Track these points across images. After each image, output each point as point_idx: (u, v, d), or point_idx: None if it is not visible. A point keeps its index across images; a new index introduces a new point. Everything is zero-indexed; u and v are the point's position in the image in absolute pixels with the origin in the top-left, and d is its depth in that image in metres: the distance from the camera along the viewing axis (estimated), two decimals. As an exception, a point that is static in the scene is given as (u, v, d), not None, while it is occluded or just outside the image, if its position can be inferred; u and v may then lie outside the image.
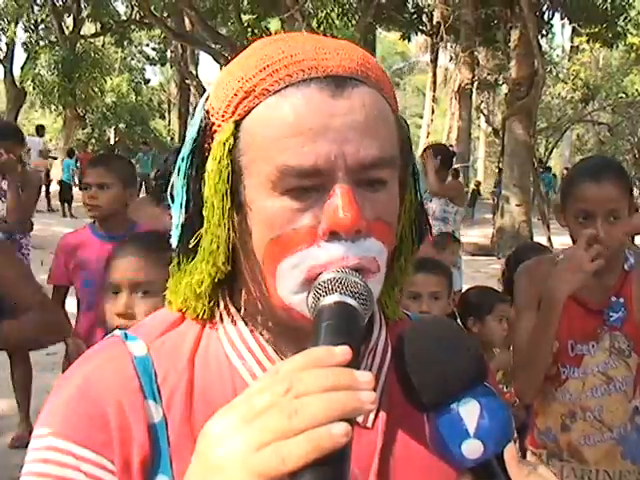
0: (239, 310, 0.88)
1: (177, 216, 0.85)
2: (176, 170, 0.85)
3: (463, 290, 4.39)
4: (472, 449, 0.70)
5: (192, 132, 0.84)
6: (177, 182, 0.85)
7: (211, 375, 0.85)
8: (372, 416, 0.85)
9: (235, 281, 0.87)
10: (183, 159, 0.84)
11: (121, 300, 1.88)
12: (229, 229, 0.81)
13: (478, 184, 22.61)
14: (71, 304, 3.39)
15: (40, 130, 19.94)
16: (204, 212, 0.82)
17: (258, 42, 0.84)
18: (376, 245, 0.78)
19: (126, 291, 1.90)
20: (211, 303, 0.87)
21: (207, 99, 0.84)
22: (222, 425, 0.61)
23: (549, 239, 12.94)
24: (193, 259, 0.84)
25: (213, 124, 0.82)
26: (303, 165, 0.75)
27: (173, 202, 0.86)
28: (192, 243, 0.83)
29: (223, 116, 0.81)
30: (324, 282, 0.75)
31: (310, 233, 0.76)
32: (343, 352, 0.63)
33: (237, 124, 0.79)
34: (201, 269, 0.83)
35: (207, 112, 0.83)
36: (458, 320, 3.58)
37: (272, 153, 0.76)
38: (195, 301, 0.87)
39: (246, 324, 0.87)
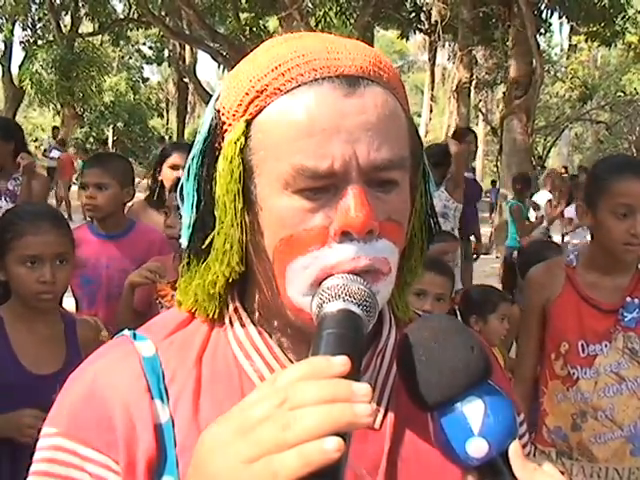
0: (248, 311, 0.87)
1: (188, 216, 0.85)
2: (186, 170, 0.85)
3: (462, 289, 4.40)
4: (477, 448, 0.70)
5: (203, 131, 0.83)
6: (187, 182, 0.85)
7: (219, 376, 0.84)
8: (380, 417, 0.85)
9: (245, 281, 0.87)
10: (193, 159, 0.84)
11: (46, 269, 2.12)
12: (242, 229, 0.80)
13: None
14: (69, 303, 3.37)
15: (54, 131, 20.89)
16: (216, 212, 0.81)
17: (270, 41, 0.84)
18: (388, 246, 0.78)
19: (49, 262, 2.15)
20: (221, 303, 0.87)
21: (217, 98, 0.84)
22: (217, 436, 0.61)
23: (549, 237, 12.94)
24: (205, 260, 0.84)
25: (224, 123, 0.81)
26: (320, 167, 0.74)
27: (183, 203, 0.86)
28: (205, 244, 0.82)
29: (234, 115, 0.80)
30: (328, 288, 0.74)
31: (322, 233, 0.76)
32: (342, 363, 0.62)
33: (248, 123, 0.79)
34: (215, 270, 0.83)
35: (218, 111, 0.82)
36: (459, 318, 3.58)
37: (286, 153, 0.75)
38: (207, 302, 0.86)
39: (255, 325, 0.86)
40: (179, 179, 3.27)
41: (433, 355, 0.73)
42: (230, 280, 0.84)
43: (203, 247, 0.83)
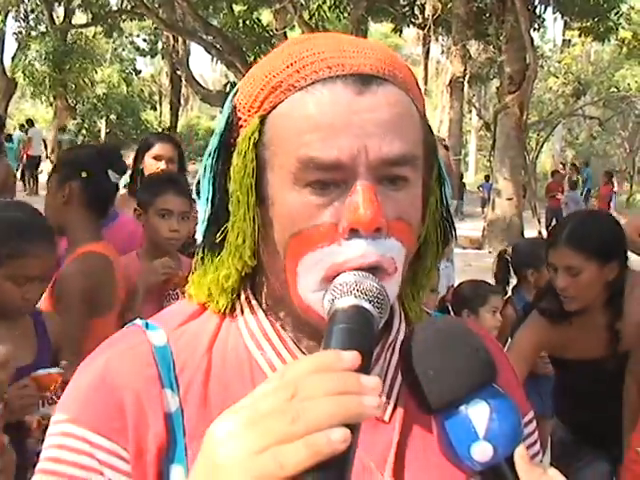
0: (260, 302, 0.88)
1: (203, 210, 0.86)
2: (202, 164, 0.86)
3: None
4: (482, 452, 0.69)
5: (219, 126, 0.85)
6: (204, 177, 0.86)
7: (229, 366, 0.85)
8: (390, 410, 0.86)
9: (257, 274, 0.88)
10: (210, 153, 0.85)
11: (35, 288, 2.21)
12: (254, 223, 0.81)
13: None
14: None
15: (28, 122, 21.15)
16: (230, 207, 0.82)
17: (289, 40, 0.86)
18: (395, 245, 0.78)
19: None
20: (234, 295, 0.88)
21: (235, 94, 0.85)
22: (226, 427, 0.61)
23: (540, 233, 13.00)
24: (219, 254, 0.85)
25: (240, 119, 0.83)
26: (325, 157, 0.75)
27: (199, 197, 0.87)
28: (219, 238, 0.84)
29: (249, 111, 0.81)
30: (340, 284, 0.74)
31: (331, 230, 0.77)
32: (352, 357, 0.62)
33: (262, 119, 0.80)
34: (228, 264, 0.84)
35: (234, 107, 0.84)
36: (451, 313, 3.59)
37: (294, 146, 0.77)
38: (220, 295, 0.87)
39: (267, 316, 0.87)
40: (163, 173, 3.24)
41: (437, 357, 0.73)
42: (243, 274, 0.85)
43: (217, 241, 0.84)
